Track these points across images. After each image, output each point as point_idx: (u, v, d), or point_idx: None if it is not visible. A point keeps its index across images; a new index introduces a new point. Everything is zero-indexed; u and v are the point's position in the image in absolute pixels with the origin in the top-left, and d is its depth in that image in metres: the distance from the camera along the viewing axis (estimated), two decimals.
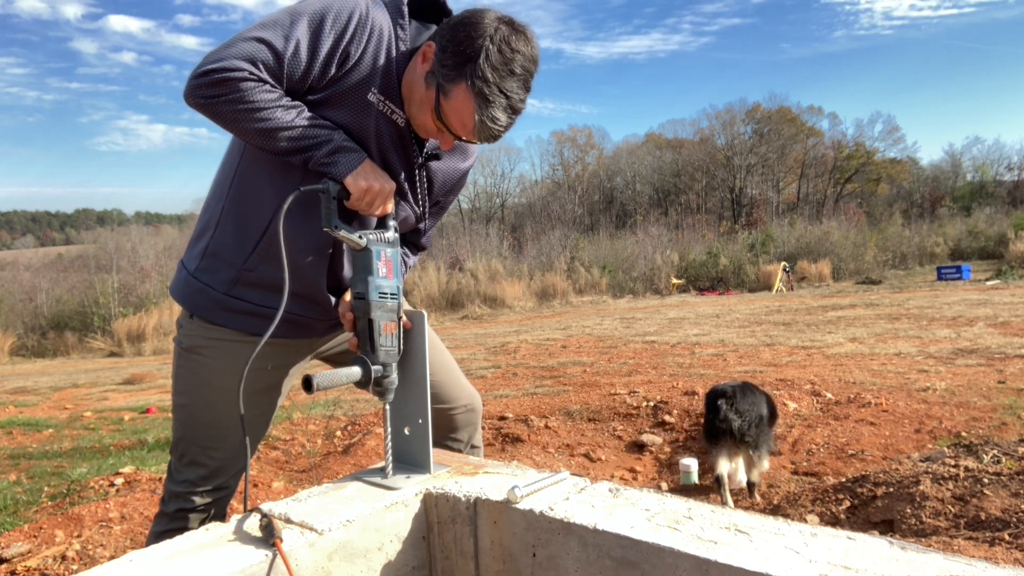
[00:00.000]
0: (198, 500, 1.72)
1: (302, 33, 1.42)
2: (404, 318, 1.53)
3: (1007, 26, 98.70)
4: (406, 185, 1.63)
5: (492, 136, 1.48)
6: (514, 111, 1.47)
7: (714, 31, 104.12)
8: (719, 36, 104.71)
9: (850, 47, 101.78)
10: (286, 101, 1.44)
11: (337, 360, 1.90)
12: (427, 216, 1.78)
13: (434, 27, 1.57)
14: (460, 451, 1.95)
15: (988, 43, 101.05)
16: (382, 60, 1.50)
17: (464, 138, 1.50)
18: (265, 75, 1.40)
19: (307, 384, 1.39)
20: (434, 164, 1.68)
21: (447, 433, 1.93)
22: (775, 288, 21.24)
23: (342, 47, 1.45)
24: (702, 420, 5.01)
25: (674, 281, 23.14)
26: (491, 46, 1.41)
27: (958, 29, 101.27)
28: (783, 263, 23.27)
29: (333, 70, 1.47)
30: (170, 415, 6.94)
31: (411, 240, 1.84)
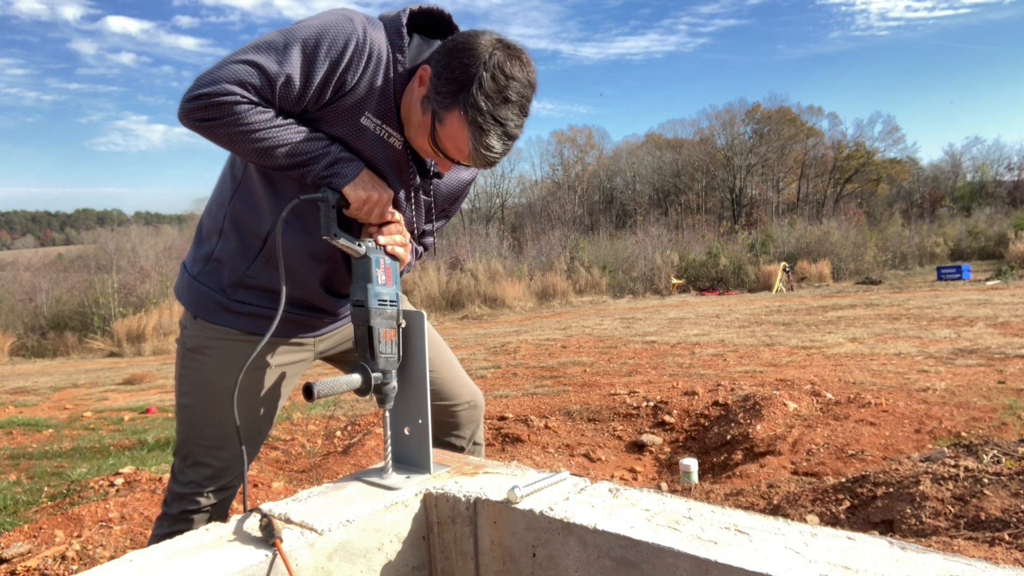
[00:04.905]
0: (203, 501, 1.72)
1: (295, 59, 1.39)
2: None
3: (1002, 27, 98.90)
4: (404, 205, 1.64)
5: (488, 163, 1.47)
6: (510, 137, 1.45)
7: (711, 32, 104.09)
8: (716, 37, 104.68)
9: (847, 48, 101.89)
10: (280, 120, 1.43)
11: (341, 360, 1.91)
12: (424, 234, 1.81)
13: (437, 42, 1.54)
14: (463, 448, 1.95)
15: (984, 44, 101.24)
16: (379, 83, 1.48)
17: (460, 163, 1.51)
18: (256, 98, 1.39)
19: (307, 392, 1.39)
20: (436, 180, 1.69)
21: (450, 430, 1.93)
22: (775, 288, 21.24)
23: (337, 74, 1.43)
24: (702, 420, 5.02)
25: (674, 281, 23.14)
26: (485, 73, 1.39)
27: (954, 30, 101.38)
28: (783, 263, 23.27)
29: (328, 96, 1.46)
30: (170, 415, 6.91)
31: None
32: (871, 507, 2.88)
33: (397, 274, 1.56)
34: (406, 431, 1.57)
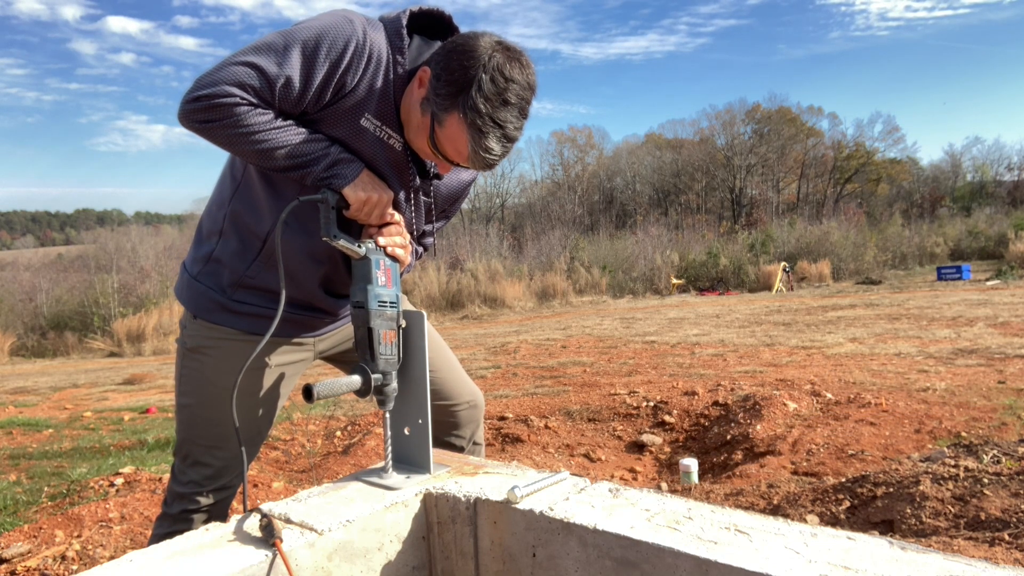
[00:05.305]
0: (202, 500, 1.73)
1: (295, 61, 1.39)
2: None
3: (1002, 27, 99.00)
4: (403, 206, 1.64)
5: (487, 165, 1.47)
6: (509, 140, 1.45)
7: (710, 32, 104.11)
8: (715, 37, 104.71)
9: (846, 48, 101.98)
10: (280, 121, 1.43)
11: (341, 359, 1.91)
12: (424, 235, 1.81)
13: (438, 43, 1.54)
14: (463, 448, 1.95)
15: (984, 44, 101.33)
16: (379, 85, 1.48)
17: (460, 165, 1.50)
18: (255, 100, 1.39)
19: (307, 393, 1.39)
20: (436, 181, 1.69)
21: (450, 430, 1.93)
22: (775, 288, 21.24)
23: (337, 76, 1.43)
24: (702, 420, 5.02)
25: (674, 281, 23.15)
26: (484, 76, 1.39)
27: (953, 30, 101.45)
28: (783, 263, 23.28)
29: (328, 98, 1.46)
30: (170, 415, 6.90)
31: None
32: (871, 507, 2.88)
33: (397, 275, 1.55)
34: (406, 431, 1.57)
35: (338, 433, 5.31)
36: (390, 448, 1.55)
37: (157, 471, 3.97)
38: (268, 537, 1.22)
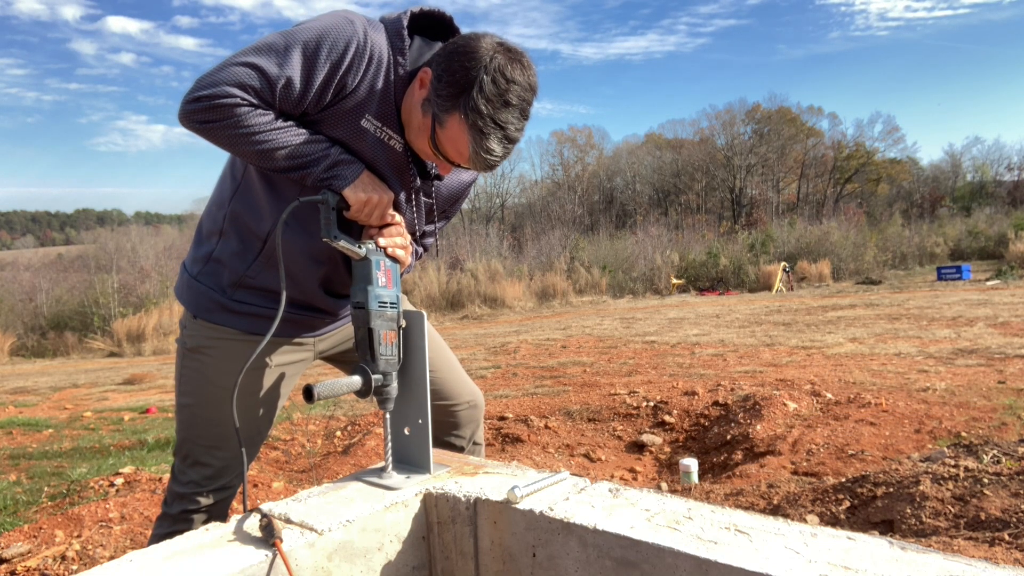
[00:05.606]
0: (202, 500, 1.73)
1: (296, 62, 1.39)
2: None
3: (1002, 27, 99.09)
4: (404, 207, 1.64)
5: (488, 166, 1.47)
6: (510, 141, 1.45)
7: (710, 32, 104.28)
8: (715, 37, 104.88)
9: (846, 48, 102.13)
10: (280, 122, 1.43)
11: (341, 359, 1.91)
12: (425, 235, 1.81)
13: (438, 44, 1.54)
14: (463, 448, 1.96)
15: (984, 44, 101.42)
16: (379, 86, 1.48)
17: (461, 165, 1.50)
18: (256, 100, 1.39)
19: (308, 394, 1.39)
20: (437, 181, 1.69)
21: (450, 430, 1.93)
22: (775, 288, 21.24)
23: (338, 77, 1.43)
24: (702, 420, 5.02)
25: (674, 281, 23.14)
26: (485, 77, 1.39)
27: (953, 30, 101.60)
28: (783, 263, 23.27)
29: (328, 98, 1.46)
30: (170, 415, 6.90)
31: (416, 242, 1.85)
32: (871, 507, 2.88)
33: (398, 276, 1.56)
34: (406, 431, 1.57)
35: (338, 433, 5.31)
36: (390, 448, 1.55)
37: (157, 471, 3.97)
38: (268, 537, 1.22)
